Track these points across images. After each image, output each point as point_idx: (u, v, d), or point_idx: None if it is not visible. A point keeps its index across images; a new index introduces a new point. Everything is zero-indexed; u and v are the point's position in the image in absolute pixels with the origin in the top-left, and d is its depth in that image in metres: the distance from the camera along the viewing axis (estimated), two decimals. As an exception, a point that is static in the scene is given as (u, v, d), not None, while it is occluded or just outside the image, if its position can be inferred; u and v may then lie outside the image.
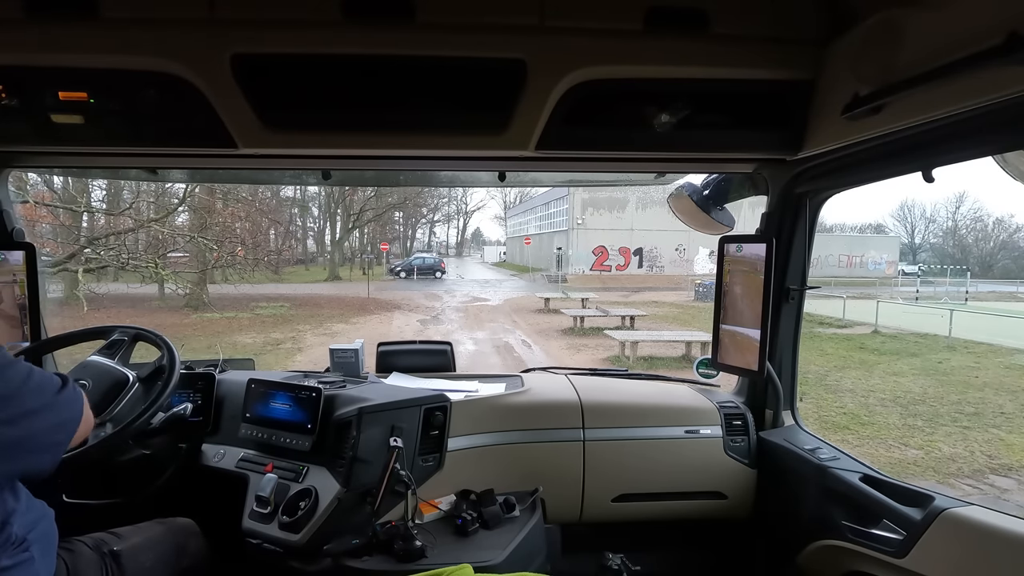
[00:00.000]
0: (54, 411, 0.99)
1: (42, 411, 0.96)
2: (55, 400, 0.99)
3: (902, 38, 1.05)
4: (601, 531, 1.88)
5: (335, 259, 29.81)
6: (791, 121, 1.38)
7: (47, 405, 0.98)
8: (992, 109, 0.96)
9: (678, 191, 1.86)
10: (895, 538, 1.34)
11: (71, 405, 1.03)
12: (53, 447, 0.99)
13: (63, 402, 1.01)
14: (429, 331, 13.33)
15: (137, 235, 11.77)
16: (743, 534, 1.92)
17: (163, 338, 1.64)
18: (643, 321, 13.79)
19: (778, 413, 1.90)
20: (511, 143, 1.35)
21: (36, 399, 0.96)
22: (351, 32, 1.22)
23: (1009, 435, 6.21)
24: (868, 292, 19.92)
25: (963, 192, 54.82)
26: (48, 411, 0.97)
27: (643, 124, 1.36)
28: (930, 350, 10.89)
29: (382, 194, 26.65)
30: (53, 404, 0.99)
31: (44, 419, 0.96)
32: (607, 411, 1.89)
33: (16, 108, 1.26)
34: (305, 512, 1.46)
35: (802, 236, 1.76)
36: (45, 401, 0.97)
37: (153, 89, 1.27)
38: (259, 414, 1.70)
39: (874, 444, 5.95)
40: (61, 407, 1.00)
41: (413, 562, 1.40)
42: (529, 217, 41.43)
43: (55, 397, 0.99)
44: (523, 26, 1.23)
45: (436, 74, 1.28)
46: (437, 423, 1.66)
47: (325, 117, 1.32)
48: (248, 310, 14.95)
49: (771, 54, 1.29)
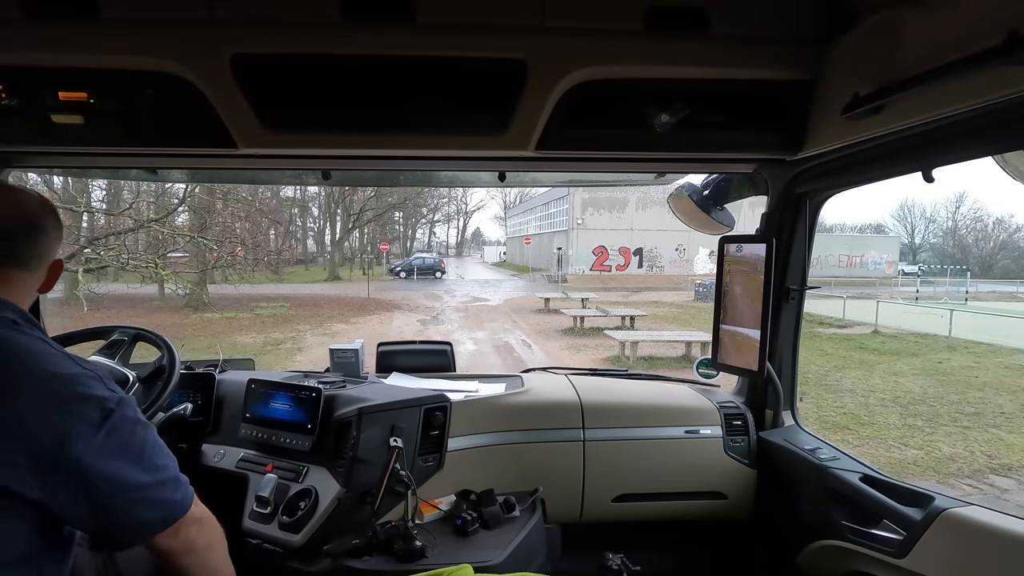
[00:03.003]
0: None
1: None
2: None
3: (902, 38, 1.05)
4: (601, 531, 1.88)
5: (335, 259, 29.82)
6: (791, 121, 1.38)
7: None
8: (992, 109, 0.96)
9: (678, 191, 1.86)
10: (895, 538, 1.34)
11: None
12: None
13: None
14: (429, 331, 13.33)
15: (137, 235, 11.76)
16: (743, 534, 1.92)
17: (163, 338, 1.64)
18: (643, 321, 13.80)
19: (778, 413, 1.90)
20: (511, 143, 1.35)
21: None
22: (351, 32, 1.22)
23: (1009, 435, 6.21)
24: (868, 292, 19.92)
25: (963, 192, 54.97)
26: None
27: (643, 124, 1.35)
28: (930, 350, 10.89)
29: (382, 194, 26.66)
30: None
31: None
32: (607, 411, 1.89)
33: (16, 108, 1.25)
34: (305, 512, 1.46)
35: (802, 236, 1.76)
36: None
37: (153, 89, 1.26)
38: (259, 414, 1.70)
39: (874, 444, 5.95)
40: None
41: (413, 562, 1.40)
42: (529, 217, 41.44)
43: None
44: (523, 26, 1.23)
45: (436, 74, 1.28)
46: (437, 423, 1.66)
47: (325, 117, 1.32)
48: (248, 310, 14.95)
49: (771, 54, 1.28)
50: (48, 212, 1.02)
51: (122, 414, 0.92)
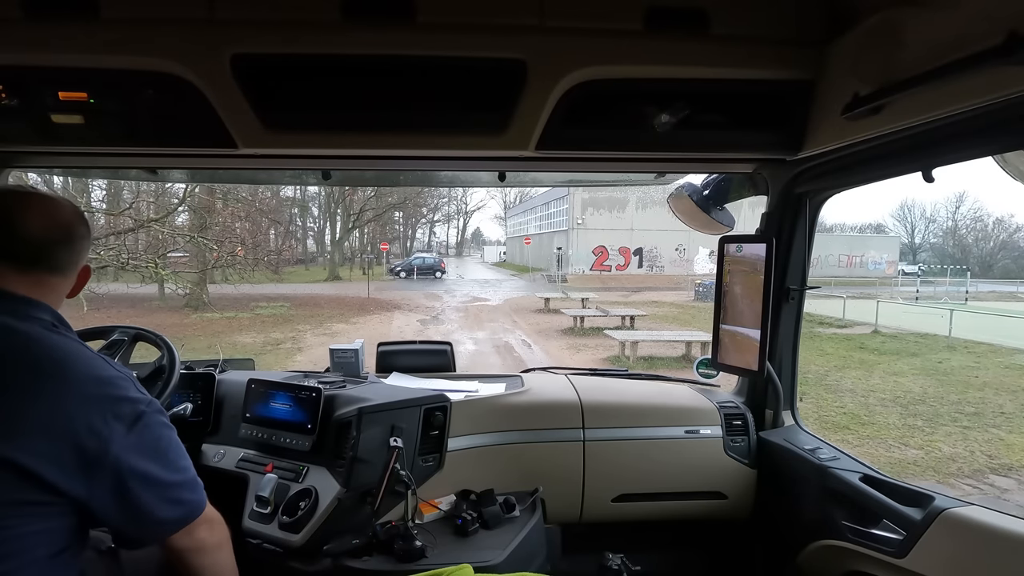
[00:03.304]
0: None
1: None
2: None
3: (902, 38, 1.05)
4: (601, 531, 1.88)
5: (335, 259, 29.83)
6: (791, 121, 1.38)
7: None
8: (992, 109, 0.96)
9: (678, 191, 1.86)
10: (895, 538, 1.34)
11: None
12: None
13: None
14: (429, 331, 13.33)
15: (137, 235, 11.74)
16: (743, 534, 1.92)
17: (163, 338, 1.64)
18: (643, 321, 13.79)
19: (778, 413, 1.90)
20: (511, 143, 1.35)
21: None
22: (351, 32, 1.22)
23: (1009, 435, 6.21)
24: (868, 292, 19.92)
25: (963, 192, 55.04)
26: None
27: (643, 124, 1.35)
28: (930, 350, 10.89)
29: (382, 194, 26.66)
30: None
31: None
32: (607, 411, 1.89)
33: (16, 108, 1.26)
34: (305, 512, 1.46)
35: (802, 236, 1.76)
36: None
37: (153, 89, 1.26)
38: (259, 414, 1.70)
39: (874, 444, 5.95)
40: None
41: (413, 562, 1.40)
42: (529, 217, 41.44)
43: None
44: (523, 26, 1.23)
45: (436, 74, 1.28)
46: (437, 423, 1.66)
47: (325, 117, 1.32)
48: (248, 310, 14.96)
49: (771, 54, 1.28)
50: (80, 220, 1.06)
51: (152, 416, 0.97)
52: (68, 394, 0.89)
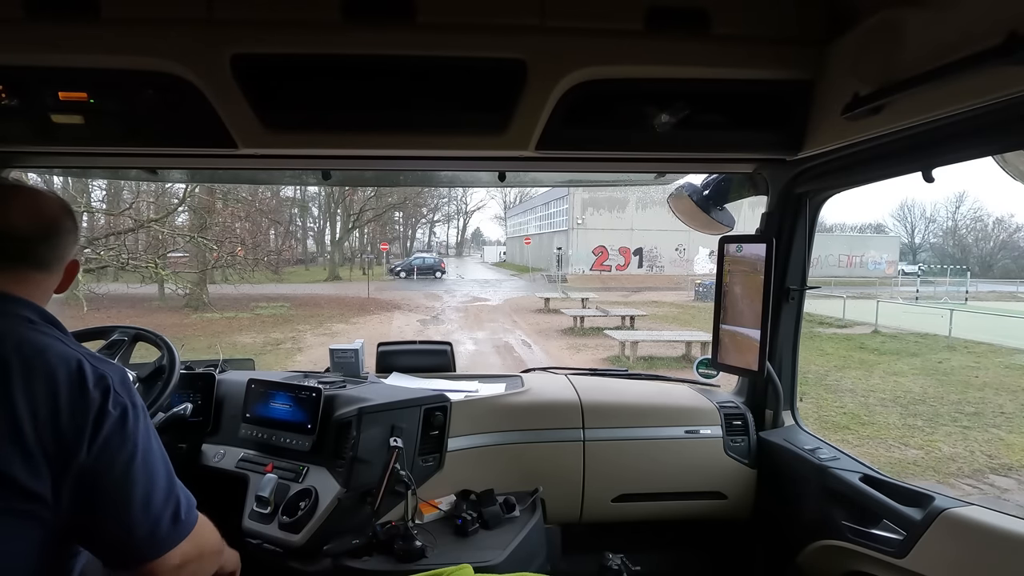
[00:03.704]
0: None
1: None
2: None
3: (902, 38, 1.05)
4: (601, 531, 1.88)
5: (335, 259, 29.82)
6: (791, 121, 1.38)
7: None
8: (992, 109, 0.96)
9: (678, 191, 1.86)
10: (895, 538, 1.34)
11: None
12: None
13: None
14: (429, 331, 13.33)
15: (137, 235, 11.76)
16: (743, 534, 1.92)
17: (163, 338, 1.64)
18: (643, 321, 13.79)
19: (778, 413, 1.90)
20: (511, 143, 1.35)
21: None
22: (351, 32, 1.22)
23: (1009, 435, 6.21)
24: (868, 292, 19.92)
25: (963, 192, 54.92)
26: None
27: (643, 124, 1.35)
28: (930, 350, 10.89)
29: (382, 194, 26.64)
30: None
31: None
32: (607, 411, 1.89)
33: (16, 108, 1.26)
34: (305, 512, 1.46)
35: (802, 236, 1.76)
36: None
37: (153, 89, 1.26)
38: (259, 414, 1.70)
39: (874, 444, 5.95)
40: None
41: (413, 562, 1.40)
42: (529, 217, 41.43)
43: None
44: (523, 26, 1.23)
45: (436, 74, 1.28)
46: (437, 423, 1.66)
47: (325, 117, 1.32)
48: (248, 310, 14.95)
49: (771, 54, 1.28)
50: (66, 213, 1.02)
51: (136, 418, 0.91)
52: (39, 392, 0.84)
